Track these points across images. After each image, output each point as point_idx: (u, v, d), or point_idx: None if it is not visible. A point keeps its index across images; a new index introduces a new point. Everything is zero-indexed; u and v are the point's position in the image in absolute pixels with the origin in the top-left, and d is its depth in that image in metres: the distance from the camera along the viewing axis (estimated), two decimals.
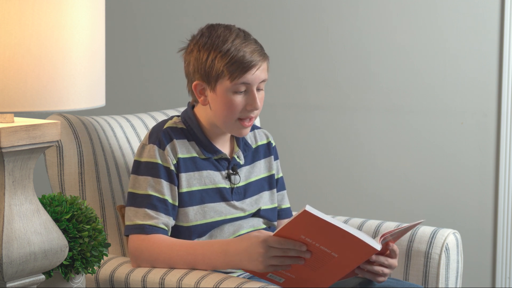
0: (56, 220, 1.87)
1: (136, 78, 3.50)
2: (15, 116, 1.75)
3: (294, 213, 2.03)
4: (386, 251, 2.00)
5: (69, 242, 1.87)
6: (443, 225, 3.02)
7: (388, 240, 1.99)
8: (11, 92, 1.59)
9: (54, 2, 1.60)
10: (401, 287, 2.09)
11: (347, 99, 3.22)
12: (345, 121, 3.23)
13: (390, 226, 2.31)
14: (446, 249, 2.24)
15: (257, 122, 2.56)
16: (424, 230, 2.28)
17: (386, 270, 2.00)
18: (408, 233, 2.28)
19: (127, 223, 2.05)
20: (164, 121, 2.12)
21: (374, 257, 1.99)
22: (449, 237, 2.25)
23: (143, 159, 2.06)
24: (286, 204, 2.30)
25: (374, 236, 2.31)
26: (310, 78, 3.26)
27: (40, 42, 1.59)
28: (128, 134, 2.30)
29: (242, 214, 2.13)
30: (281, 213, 2.29)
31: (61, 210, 1.89)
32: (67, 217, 1.88)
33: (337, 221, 1.82)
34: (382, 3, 3.14)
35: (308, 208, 1.77)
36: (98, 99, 1.71)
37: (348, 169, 3.24)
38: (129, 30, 3.47)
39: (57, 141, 1.73)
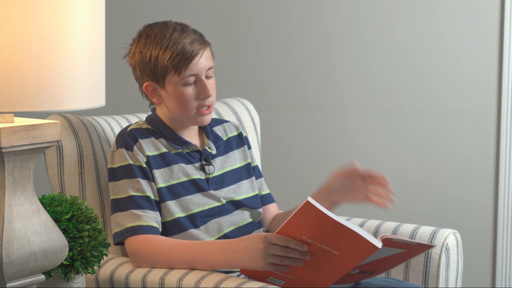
0: (56, 220, 1.87)
1: None
2: (15, 116, 1.75)
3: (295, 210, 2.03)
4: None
5: (69, 242, 1.87)
6: (443, 225, 3.02)
7: (392, 248, 1.97)
8: (11, 92, 1.59)
9: (54, 2, 1.60)
10: (401, 287, 2.09)
11: (347, 99, 3.22)
12: (345, 121, 3.23)
13: (390, 226, 2.31)
14: (446, 249, 2.24)
15: (256, 121, 2.56)
16: (424, 230, 2.27)
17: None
18: (408, 233, 2.27)
19: (116, 230, 2.06)
20: (128, 126, 2.15)
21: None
22: (449, 237, 2.25)
23: (116, 165, 2.08)
24: (266, 191, 2.33)
25: (374, 236, 2.30)
26: (310, 78, 3.26)
27: (40, 42, 1.59)
28: None
29: (219, 203, 2.14)
30: (263, 199, 2.31)
31: (61, 210, 1.89)
32: (67, 217, 1.88)
33: (338, 217, 1.82)
34: (382, 3, 3.14)
35: (310, 199, 1.77)
36: (98, 99, 1.71)
37: None
38: (129, 30, 3.47)
39: (57, 141, 1.72)
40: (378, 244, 1.87)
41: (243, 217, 2.18)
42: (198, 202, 2.11)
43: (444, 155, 3.12)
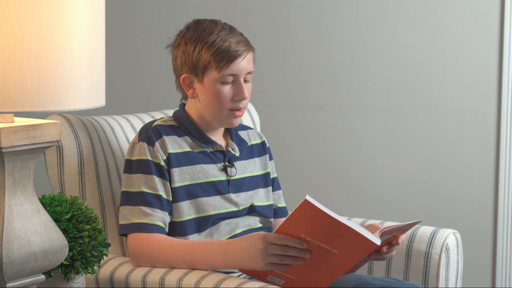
0: (56, 220, 1.87)
1: (136, 78, 3.50)
2: (15, 116, 1.75)
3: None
4: (384, 246, 2.02)
5: (69, 242, 1.87)
6: (443, 225, 3.02)
7: (387, 236, 1.99)
8: (11, 92, 1.59)
9: (54, 2, 1.60)
10: (401, 287, 2.09)
11: (347, 99, 3.22)
12: (345, 121, 3.23)
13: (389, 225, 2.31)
14: (446, 249, 2.24)
15: (256, 121, 2.56)
16: (424, 230, 2.27)
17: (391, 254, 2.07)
18: (408, 233, 2.28)
19: (122, 222, 2.06)
20: (154, 121, 2.15)
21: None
22: (449, 237, 2.25)
23: (134, 158, 2.08)
24: (282, 203, 2.32)
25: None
26: (310, 78, 3.26)
27: (40, 42, 1.59)
28: (128, 134, 2.31)
29: (236, 208, 2.14)
30: (278, 212, 2.30)
31: (61, 210, 1.89)
32: (67, 217, 1.88)
33: (337, 215, 1.82)
34: (382, 3, 3.14)
35: (308, 198, 1.78)
36: (98, 99, 1.71)
37: (348, 169, 3.24)
38: (129, 30, 3.47)
39: (57, 141, 1.73)
40: (377, 241, 1.88)
41: (254, 221, 2.19)
42: (215, 205, 2.11)
43: (444, 155, 3.12)
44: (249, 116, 2.54)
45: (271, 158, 2.30)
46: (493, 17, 3.02)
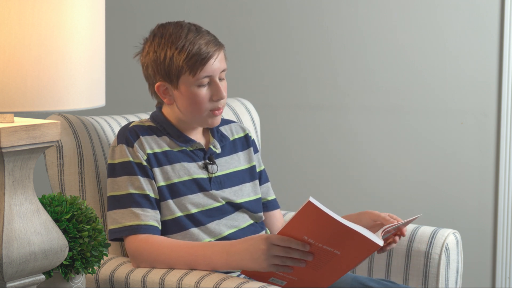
0: (56, 220, 1.87)
1: (136, 78, 3.50)
2: (15, 116, 1.75)
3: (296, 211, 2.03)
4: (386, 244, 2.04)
5: (69, 242, 1.87)
6: (443, 225, 3.02)
7: (388, 235, 2.00)
8: (11, 92, 1.59)
9: (54, 2, 1.60)
10: None
11: (347, 99, 3.22)
12: (345, 121, 3.23)
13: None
14: (446, 249, 2.24)
15: (256, 121, 2.56)
16: (424, 230, 2.27)
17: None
18: (408, 233, 2.28)
19: (113, 226, 2.05)
20: (130, 122, 2.15)
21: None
22: (449, 237, 2.25)
23: (116, 161, 2.08)
24: (271, 196, 2.31)
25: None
26: (310, 78, 3.26)
27: (40, 42, 1.59)
28: None
29: (219, 204, 2.13)
30: (268, 204, 2.29)
31: (61, 210, 1.89)
32: (67, 217, 1.88)
33: (339, 217, 1.82)
34: (382, 3, 3.14)
35: (312, 199, 1.77)
36: (98, 99, 1.71)
37: (348, 169, 3.24)
38: (129, 30, 3.47)
39: (57, 141, 1.72)
40: (379, 241, 1.87)
41: (243, 219, 2.18)
42: (199, 202, 2.10)
43: (444, 155, 3.12)
44: (249, 116, 2.54)
45: (256, 151, 2.29)
46: (493, 17, 3.02)
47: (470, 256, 3.04)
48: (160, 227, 2.06)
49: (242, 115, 2.52)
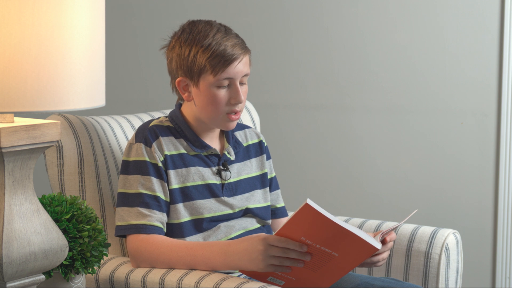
0: (56, 220, 1.87)
1: (136, 78, 3.50)
2: (15, 116, 1.75)
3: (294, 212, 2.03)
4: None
5: (69, 242, 1.87)
6: (443, 225, 3.02)
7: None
8: (11, 92, 1.59)
9: (54, 2, 1.60)
10: (400, 287, 2.09)
11: (347, 99, 3.22)
12: (345, 121, 3.23)
13: (390, 226, 2.31)
14: (446, 249, 2.24)
15: (256, 121, 2.56)
16: (424, 230, 2.28)
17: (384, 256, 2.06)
18: (408, 233, 2.28)
19: (119, 223, 2.06)
20: (150, 121, 2.14)
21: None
22: (449, 237, 2.25)
23: (131, 158, 2.07)
24: (280, 203, 2.31)
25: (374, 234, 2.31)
26: (310, 78, 3.26)
27: (40, 42, 1.59)
28: (128, 134, 2.31)
29: (231, 211, 2.13)
30: (277, 212, 2.29)
31: (61, 210, 1.89)
32: (67, 217, 1.88)
33: (337, 219, 1.82)
34: (382, 3, 3.14)
35: (309, 201, 1.77)
36: (98, 99, 1.71)
37: (348, 169, 3.24)
38: (129, 30, 3.47)
39: (57, 141, 1.73)
40: (378, 245, 1.88)
41: (252, 222, 2.18)
42: (210, 208, 2.10)
43: (444, 155, 3.12)
44: (249, 116, 2.54)
45: (268, 158, 2.29)
46: (493, 17, 3.02)
47: (470, 256, 3.04)
48: (165, 229, 2.06)
49: (242, 115, 2.52)
